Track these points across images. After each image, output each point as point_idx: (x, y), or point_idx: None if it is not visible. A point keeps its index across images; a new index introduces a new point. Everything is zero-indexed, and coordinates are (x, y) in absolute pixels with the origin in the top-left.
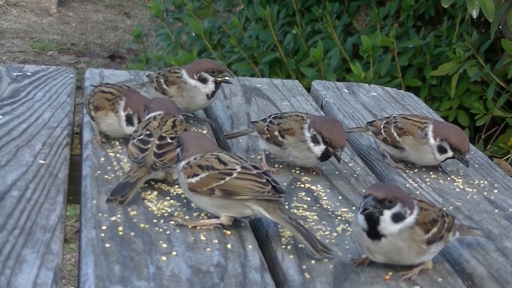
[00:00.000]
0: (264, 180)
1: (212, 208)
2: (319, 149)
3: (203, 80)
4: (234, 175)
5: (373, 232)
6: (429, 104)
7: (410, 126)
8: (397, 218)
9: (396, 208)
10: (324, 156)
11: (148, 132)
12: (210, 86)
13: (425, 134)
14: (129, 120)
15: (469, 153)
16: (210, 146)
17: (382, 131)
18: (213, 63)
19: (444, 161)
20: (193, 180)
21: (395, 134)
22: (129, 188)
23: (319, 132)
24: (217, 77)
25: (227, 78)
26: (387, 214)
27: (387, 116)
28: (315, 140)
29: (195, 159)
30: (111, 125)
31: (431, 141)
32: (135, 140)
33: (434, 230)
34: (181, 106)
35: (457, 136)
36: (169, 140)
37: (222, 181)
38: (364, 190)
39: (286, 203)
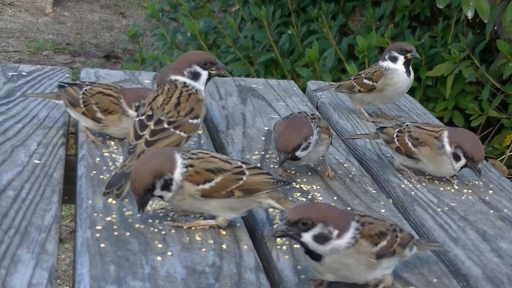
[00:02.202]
0: (266, 171)
1: (222, 210)
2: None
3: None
4: (247, 172)
5: (310, 253)
6: (424, 105)
7: (426, 136)
8: (321, 239)
9: (316, 230)
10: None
11: (150, 113)
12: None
13: (442, 143)
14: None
15: (482, 162)
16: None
17: (396, 140)
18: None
19: (459, 170)
20: (207, 186)
21: (409, 144)
22: (124, 180)
23: (276, 134)
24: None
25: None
26: (307, 236)
27: (398, 123)
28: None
29: (190, 158)
30: (127, 129)
31: (447, 148)
32: (137, 118)
33: (383, 243)
34: None
35: (472, 142)
36: (165, 126)
37: (241, 181)
38: (359, 190)
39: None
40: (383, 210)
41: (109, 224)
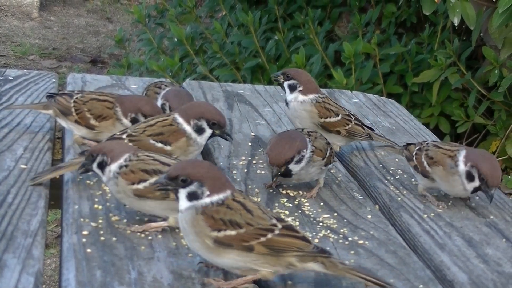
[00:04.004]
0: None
1: (163, 211)
2: (269, 168)
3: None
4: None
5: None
6: (411, 111)
7: (440, 156)
8: (193, 197)
9: (192, 188)
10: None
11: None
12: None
13: (455, 162)
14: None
15: (496, 188)
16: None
17: (414, 158)
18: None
19: (473, 192)
20: (141, 186)
21: (425, 163)
22: (52, 170)
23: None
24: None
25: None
26: (183, 192)
27: (421, 141)
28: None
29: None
30: None
31: (461, 167)
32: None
33: (231, 233)
34: None
35: (489, 165)
36: (123, 137)
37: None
38: (345, 196)
39: (268, 209)
40: (369, 216)
41: (95, 229)
